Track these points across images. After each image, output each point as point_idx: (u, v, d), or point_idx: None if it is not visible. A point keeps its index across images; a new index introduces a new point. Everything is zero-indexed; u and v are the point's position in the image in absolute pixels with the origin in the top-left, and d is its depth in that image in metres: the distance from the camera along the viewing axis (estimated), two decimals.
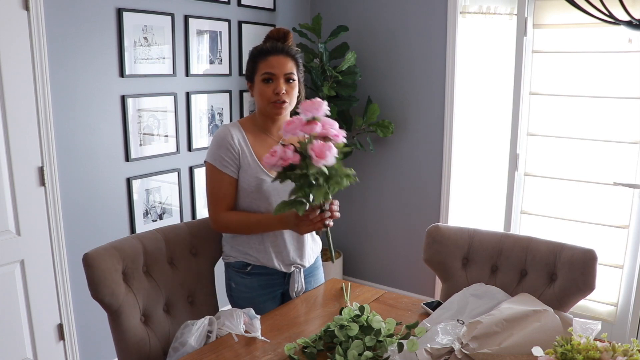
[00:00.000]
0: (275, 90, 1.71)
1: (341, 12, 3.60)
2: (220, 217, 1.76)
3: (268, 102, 1.73)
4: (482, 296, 1.69)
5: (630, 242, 2.88)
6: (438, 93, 3.32)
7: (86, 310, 2.57)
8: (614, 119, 2.84)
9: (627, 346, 1.11)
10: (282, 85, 1.72)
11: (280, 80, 1.72)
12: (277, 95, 1.71)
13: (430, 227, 1.96)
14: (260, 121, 1.81)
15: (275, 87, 1.72)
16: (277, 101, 1.72)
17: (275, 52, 1.73)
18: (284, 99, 1.72)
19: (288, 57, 1.74)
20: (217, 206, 1.76)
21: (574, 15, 2.75)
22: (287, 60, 1.73)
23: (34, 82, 2.28)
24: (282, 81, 1.72)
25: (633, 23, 1.30)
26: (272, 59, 1.72)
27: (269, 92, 1.72)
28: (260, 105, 1.77)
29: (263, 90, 1.73)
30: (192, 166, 3.04)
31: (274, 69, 1.71)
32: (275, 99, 1.72)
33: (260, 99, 1.75)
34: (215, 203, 1.76)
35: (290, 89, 1.74)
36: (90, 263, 1.55)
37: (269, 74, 1.72)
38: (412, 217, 3.54)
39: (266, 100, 1.73)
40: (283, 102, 1.73)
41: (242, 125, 1.79)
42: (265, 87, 1.73)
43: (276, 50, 1.73)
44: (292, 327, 1.65)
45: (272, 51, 1.73)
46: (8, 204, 2.27)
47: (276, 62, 1.72)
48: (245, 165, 1.74)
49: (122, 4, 2.57)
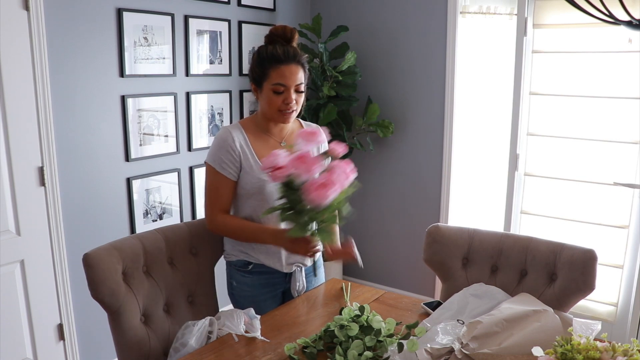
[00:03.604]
0: (286, 101, 1.70)
1: (341, 12, 3.60)
2: (216, 219, 1.76)
3: (276, 110, 1.72)
4: (482, 296, 1.69)
5: (630, 242, 2.88)
6: (438, 93, 3.32)
7: (86, 310, 2.57)
8: (614, 119, 2.84)
9: (627, 346, 1.11)
10: (293, 95, 1.70)
11: (291, 91, 1.69)
12: (287, 106, 1.70)
13: (430, 227, 1.96)
14: (262, 123, 1.80)
15: (285, 98, 1.69)
16: (286, 111, 1.72)
17: (288, 61, 1.67)
18: (293, 108, 1.72)
19: (299, 66, 1.70)
20: (213, 207, 1.76)
21: (574, 15, 2.75)
22: (298, 70, 1.69)
23: (34, 82, 2.28)
24: (292, 91, 1.70)
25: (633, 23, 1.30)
26: (284, 68, 1.67)
27: (278, 102, 1.70)
28: (267, 112, 1.75)
29: (272, 99, 1.70)
30: (192, 166, 3.04)
31: (286, 80, 1.67)
32: (284, 109, 1.71)
33: (268, 106, 1.72)
34: (211, 204, 1.76)
35: (299, 98, 1.73)
36: (90, 263, 1.55)
37: (282, 85, 1.68)
38: (412, 217, 3.54)
39: (274, 109, 1.71)
40: (292, 112, 1.73)
41: (243, 126, 1.79)
42: (275, 97, 1.70)
43: (288, 58, 1.68)
44: (292, 327, 1.65)
45: (284, 60, 1.67)
46: (8, 204, 2.27)
47: (289, 73, 1.67)
48: (247, 166, 1.73)
49: (122, 4, 2.57)
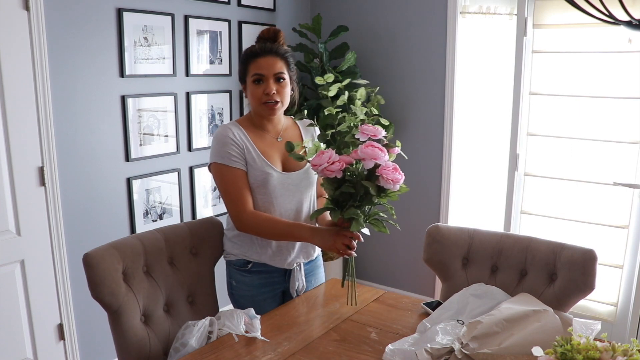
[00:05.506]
0: (265, 91, 1.73)
1: (341, 12, 3.60)
2: (246, 216, 1.73)
3: (260, 103, 1.75)
4: (482, 296, 1.69)
5: (630, 242, 2.88)
6: (438, 93, 3.32)
7: (86, 310, 2.57)
8: (614, 119, 2.83)
9: (627, 346, 1.11)
10: (272, 85, 1.73)
11: (270, 81, 1.73)
12: (268, 96, 1.73)
13: (430, 227, 1.96)
14: (256, 120, 1.82)
15: (265, 88, 1.73)
16: (269, 102, 1.73)
17: (264, 53, 1.74)
18: (275, 99, 1.74)
19: (277, 57, 1.75)
20: (238, 204, 1.73)
21: (574, 15, 2.75)
22: (276, 61, 1.74)
23: (34, 82, 2.28)
24: (271, 82, 1.73)
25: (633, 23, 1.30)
26: (261, 60, 1.73)
27: (259, 92, 1.74)
28: (253, 106, 1.79)
29: (254, 91, 1.75)
30: (192, 166, 3.04)
31: (262, 69, 1.73)
32: (266, 100, 1.73)
33: (252, 100, 1.77)
34: (235, 202, 1.73)
35: (281, 89, 1.75)
36: (90, 263, 1.55)
37: (258, 75, 1.73)
38: (412, 217, 3.54)
39: (258, 101, 1.75)
40: (275, 103, 1.74)
41: (240, 124, 1.80)
42: (255, 88, 1.74)
43: (265, 51, 1.74)
44: (292, 327, 1.65)
45: (260, 52, 1.74)
46: (8, 204, 2.27)
47: (265, 63, 1.73)
48: (251, 160, 1.74)
49: (122, 4, 2.57)
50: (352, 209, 1.55)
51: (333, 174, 1.53)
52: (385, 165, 1.53)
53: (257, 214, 1.74)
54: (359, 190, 1.54)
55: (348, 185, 1.55)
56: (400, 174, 1.54)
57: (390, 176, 1.51)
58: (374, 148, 1.53)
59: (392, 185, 1.52)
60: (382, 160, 1.53)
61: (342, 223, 1.64)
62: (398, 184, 1.53)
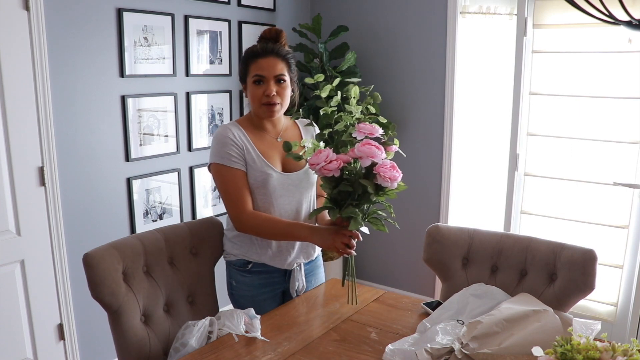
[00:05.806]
0: (265, 92, 1.72)
1: (341, 12, 3.60)
2: (245, 216, 1.72)
3: (260, 104, 1.74)
4: (482, 296, 1.69)
5: (630, 242, 2.88)
6: (438, 93, 3.32)
7: (86, 310, 2.57)
8: (614, 119, 2.83)
9: (627, 346, 1.11)
10: (273, 87, 1.72)
11: (271, 82, 1.72)
12: (268, 97, 1.72)
13: (430, 227, 1.96)
14: (256, 120, 1.82)
15: (265, 89, 1.72)
16: (269, 103, 1.73)
17: (265, 54, 1.73)
18: (275, 100, 1.73)
19: (278, 58, 1.74)
20: (238, 204, 1.73)
21: (574, 15, 2.75)
22: (277, 62, 1.73)
23: (34, 82, 2.28)
24: (272, 83, 1.72)
25: (633, 23, 1.30)
26: (262, 61, 1.72)
27: (259, 94, 1.73)
28: (253, 107, 1.78)
29: (254, 92, 1.74)
30: (192, 166, 3.04)
31: (263, 70, 1.72)
32: (266, 101, 1.73)
33: (252, 100, 1.76)
34: (235, 202, 1.73)
35: (282, 90, 1.75)
36: (90, 263, 1.55)
37: (259, 76, 1.72)
38: (412, 217, 3.54)
39: (258, 102, 1.74)
40: (275, 104, 1.74)
41: (240, 124, 1.80)
42: (256, 89, 1.74)
43: (266, 51, 1.74)
44: (292, 327, 1.65)
45: (262, 53, 1.73)
46: (8, 204, 2.27)
47: (266, 64, 1.72)
48: (250, 160, 1.74)
49: (122, 4, 2.57)
50: (350, 207, 1.55)
51: (331, 173, 1.53)
52: (383, 163, 1.53)
53: (257, 214, 1.74)
54: (357, 189, 1.54)
55: (346, 184, 1.54)
56: (397, 171, 1.53)
57: (388, 174, 1.50)
58: (371, 146, 1.52)
59: (390, 183, 1.51)
60: (379, 158, 1.53)
61: (341, 222, 1.64)
62: (396, 181, 1.53)
